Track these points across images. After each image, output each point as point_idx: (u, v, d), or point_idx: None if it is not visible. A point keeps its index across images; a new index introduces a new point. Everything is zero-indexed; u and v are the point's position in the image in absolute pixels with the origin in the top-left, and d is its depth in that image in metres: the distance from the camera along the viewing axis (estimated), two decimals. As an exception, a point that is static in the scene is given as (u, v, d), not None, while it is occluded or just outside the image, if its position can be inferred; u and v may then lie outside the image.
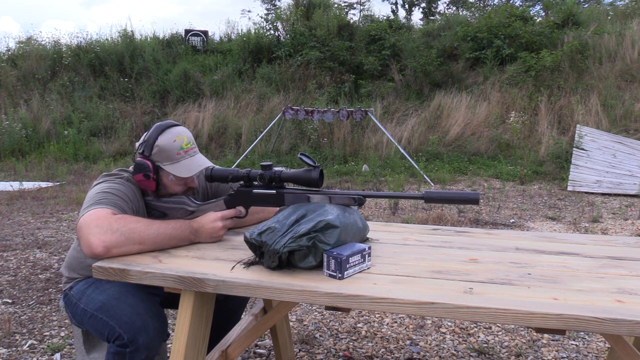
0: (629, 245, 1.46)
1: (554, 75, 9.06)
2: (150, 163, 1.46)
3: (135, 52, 11.11)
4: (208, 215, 1.44)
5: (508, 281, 1.14)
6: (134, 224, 1.33)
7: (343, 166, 7.68)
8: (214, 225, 1.42)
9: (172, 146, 1.46)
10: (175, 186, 1.51)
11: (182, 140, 1.47)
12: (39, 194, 6.00)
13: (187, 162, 1.47)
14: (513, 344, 2.27)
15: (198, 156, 1.51)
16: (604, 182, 6.10)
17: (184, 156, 1.47)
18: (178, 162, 1.46)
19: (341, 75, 10.20)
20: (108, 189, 1.42)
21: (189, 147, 1.49)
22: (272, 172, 1.39)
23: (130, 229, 1.31)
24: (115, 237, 1.28)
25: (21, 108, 9.99)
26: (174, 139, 1.46)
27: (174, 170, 1.46)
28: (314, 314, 2.63)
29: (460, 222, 4.53)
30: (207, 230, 1.42)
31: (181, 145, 1.47)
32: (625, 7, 11.52)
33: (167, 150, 1.45)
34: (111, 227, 1.28)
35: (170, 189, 1.51)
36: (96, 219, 1.29)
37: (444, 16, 13.25)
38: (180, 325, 1.25)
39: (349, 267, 1.16)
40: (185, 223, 1.42)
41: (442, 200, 1.26)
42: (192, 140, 1.52)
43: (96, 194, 1.40)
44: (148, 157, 1.47)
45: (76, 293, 1.52)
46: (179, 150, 1.46)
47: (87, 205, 1.36)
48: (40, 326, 2.49)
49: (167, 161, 1.46)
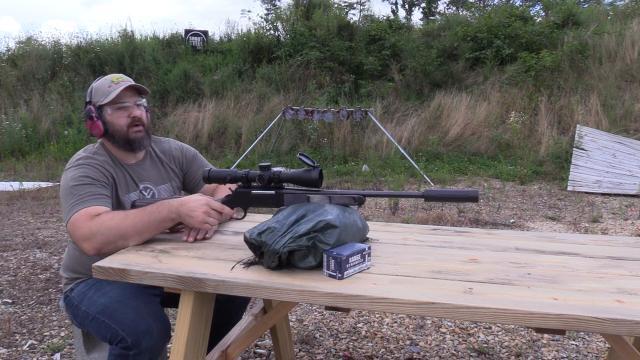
0: (629, 245, 1.46)
1: (554, 75, 9.06)
2: (92, 106, 1.57)
3: (135, 52, 11.11)
4: (194, 195, 1.44)
5: (508, 281, 1.14)
6: (110, 221, 1.37)
7: (343, 166, 7.68)
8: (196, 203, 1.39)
9: (103, 83, 1.58)
10: (118, 119, 1.57)
11: (111, 76, 1.59)
12: (39, 194, 6.00)
13: (117, 90, 1.55)
14: (513, 344, 2.27)
15: (128, 82, 1.58)
16: (604, 182, 6.10)
17: (115, 87, 1.55)
18: (110, 93, 1.55)
19: (341, 75, 10.20)
20: (79, 180, 1.46)
21: (118, 80, 1.58)
22: (271, 173, 1.39)
23: (107, 227, 1.36)
24: (97, 239, 1.35)
25: (21, 108, 9.99)
26: (105, 78, 1.60)
27: (107, 99, 1.54)
28: (314, 314, 2.63)
29: (460, 222, 4.53)
30: (188, 207, 1.38)
31: (111, 80, 1.58)
32: (625, 7, 11.52)
33: (100, 88, 1.57)
34: (91, 231, 1.36)
35: (117, 125, 1.57)
36: (77, 227, 1.38)
37: (444, 16, 13.24)
38: (180, 325, 1.25)
39: (349, 267, 1.16)
40: (163, 203, 1.42)
41: (442, 198, 1.26)
42: (123, 76, 1.60)
43: (70, 188, 1.45)
44: (90, 102, 1.59)
45: (77, 295, 1.52)
46: (109, 84, 1.57)
47: (65, 206, 1.44)
48: (40, 326, 2.49)
49: (102, 97, 1.56)
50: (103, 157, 1.57)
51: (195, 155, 1.81)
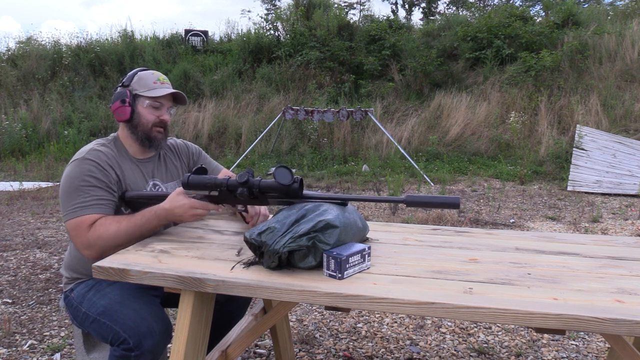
0: (629, 245, 1.46)
1: (554, 75, 9.06)
2: (129, 92, 1.60)
3: (135, 52, 11.11)
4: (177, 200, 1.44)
5: (508, 281, 1.14)
6: (105, 234, 1.43)
7: (343, 166, 7.68)
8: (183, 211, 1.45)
9: (150, 77, 1.62)
10: (148, 115, 1.60)
11: (159, 75, 1.65)
12: (39, 194, 6.00)
13: (161, 90, 1.61)
14: (513, 344, 2.27)
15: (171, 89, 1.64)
16: (604, 182, 6.10)
17: (160, 86, 1.62)
18: (153, 89, 1.61)
19: (341, 75, 10.20)
20: (84, 180, 1.47)
21: (164, 81, 1.64)
22: (251, 185, 1.37)
23: (103, 239, 1.42)
24: (95, 249, 1.43)
25: (21, 108, 9.99)
26: (152, 73, 1.64)
27: (148, 93, 1.59)
28: (314, 314, 2.63)
29: (460, 222, 4.53)
30: (175, 215, 1.45)
31: (158, 77, 1.63)
32: (625, 7, 11.52)
33: (145, 79, 1.61)
34: (89, 242, 1.43)
35: (144, 119, 1.60)
36: (77, 235, 1.44)
37: (444, 16, 13.24)
38: (180, 325, 1.25)
39: (349, 267, 1.16)
40: (151, 212, 1.48)
41: (423, 204, 1.26)
42: (167, 80, 1.67)
43: (75, 187, 1.46)
44: (127, 87, 1.61)
45: (77, 296, 1.52)
46: (155, 81, 1.62)
47: (67, 203, 1.47)
48: (40, 326, 2.49)
49: (143, 88, 1.60)
50: (113, 151, 1.58)
51: (200, 152, 1.85)
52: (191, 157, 1.81)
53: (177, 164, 1.76)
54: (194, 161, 1.81)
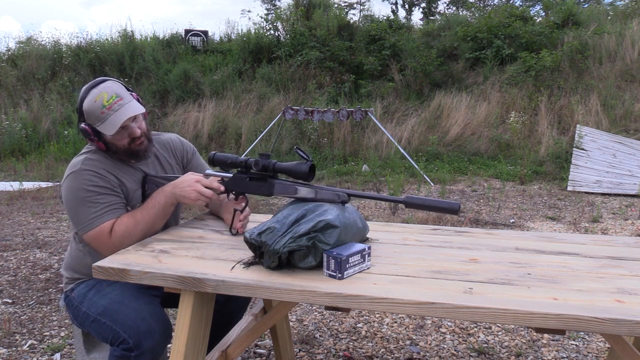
0: (629, 245, 1.46)
1: (554, 75, 9.06)
2: (89, 127, 1.50)
3: (135, 52, 11.10)
4: (186, 176, 1.52)
5: (508, 281, 1.14)
6: (126, 231, 1.46)
7: (343, 166, 7.68)
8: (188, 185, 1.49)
9: (94, 107, 1.46)
10: (119, 141, 1.52)
11: (102, 98, 1.46)
12: (39, 194, 6.00)
13: (112, 118, 1.46)
14: (513, 344, 2.27)
15: (122, 109, 1.47)
16: (604, 182, 6.10)
17: (109, 113, 1.46)
18: (105, 120, 1.46)
19: (341, 75, 10.19)
20: (89, 191, 1.47)
21: (111, 102, 1.46)
22: (267, 161, 1.44)
23: (128, 238, 1.46)
24: (117, 248, 1.43)
25: (21, 108, 9.98)
26: (94, 100, 1.46)
27: (103, 129, 1.47)
28: (314, 314, 2.63)
29: (460, 222, 4.53)
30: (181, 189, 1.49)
31: (102, 104, 1.45)
32: (625, 7, 11.51)
33: (92, 113, 1.47)
34: (114, 246, 1.44)
35: (119, 145, 1.53)
36: (100, 244, 1.47)
37: (444, 16, 13.24)
38: (180, 325, 1.25)
39: (349, 267, 1.16)
40: (159, 192, 1.52)
41: (423, 206, 1.27)
42: (114, 93, 1.48)
43: (82, 199, 1.46)
44: (85, 122, 1.51)
45: (77, 296, 1.52)
46: (102, 110, 1.46)
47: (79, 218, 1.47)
48: (40, 326, 2.49)
49: (97, 122, 1.48)
50: (105, 157, 1.55)
51: (194, 152, 1.83)
52: (185, 154, 1.79)
53: (172, 162, 1.74)
54: (188, 159, 1.79)
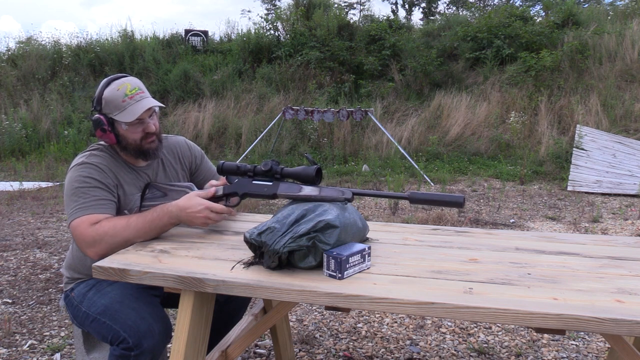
0: (629, 245, 1.46)
1: (554, 75, 9.06)
2: (104, 117, 1.50)
3: (135, 52, 11.10)
4: (194, 199, 1.44)
5: (508, 281, 1.14)
6: (112, 230, 1.40)
7: (343, 166, 7.68)
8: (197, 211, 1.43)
9: (117, 95, 1.48)
10: (132, 134, 1.52)
11: (125, 88, 1.49)
12: (39, 194, 6.00)
13: (133, 108, 1.49)
14: (513, 344, 2.27)
15: (144, 100, 1.51)
16: (604, 182, 6.10)
17: (130, 102, 1.49)
18: (125, 109, 1.48)
19: (341, 75, 10.19)
20: (84, 182, 1.46)
21: (133, 92, 1.50)
22: (276, 165, 1.43)
23: (110, 235, 1.39)
24: (101, 247, 1.39)
25: (21, 108, 9.98)
26: (117, 88, 1.49)
27: (121, 117, 1.48)
28: (314, 314, 2.63)
29: (460, 222, 4.53)
30: (188, 214, 1.43)
31: (125, 93, 1.49)
32: (625, 7, 11.50)
33: (113, 100, 1.48)
34: (93, 239, 1.39)
35: (130, 138, 1.53)
36: (79, 234, 1.40)
37: (444, 16, 13.24)
38: (180, 325, 1.25)
39: (349, 267, 1.16)
40: (163, 209, 1.44)
41: (427, 201, 1.26)
42: (137, 86, 1.52)
43: (74, 189, 1.45)
44: (100, 112, 1.51)
45: (77, 296, 1.52)
46: (123, 98, 1.48)
47: (68, 207, 1.44)
48: (40, 326, 2.49)
49: (115, 111, 1.49)
50: (110, 156, 1.55)
51: (203, 157, 1.81)
52: (194, 160, 1.76)
53: (177, 167, 1.71)
54: (197, 165, 1.76)
